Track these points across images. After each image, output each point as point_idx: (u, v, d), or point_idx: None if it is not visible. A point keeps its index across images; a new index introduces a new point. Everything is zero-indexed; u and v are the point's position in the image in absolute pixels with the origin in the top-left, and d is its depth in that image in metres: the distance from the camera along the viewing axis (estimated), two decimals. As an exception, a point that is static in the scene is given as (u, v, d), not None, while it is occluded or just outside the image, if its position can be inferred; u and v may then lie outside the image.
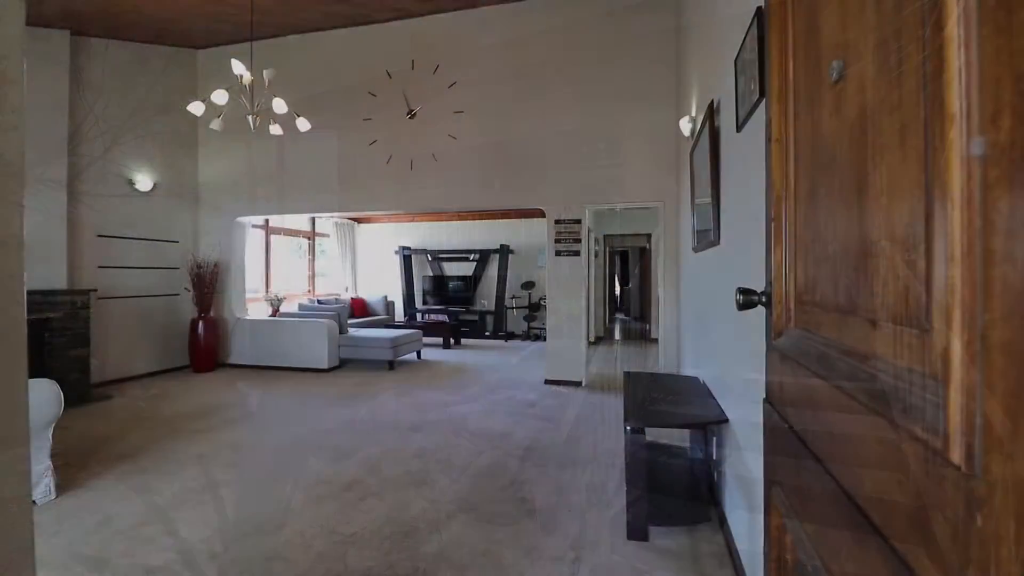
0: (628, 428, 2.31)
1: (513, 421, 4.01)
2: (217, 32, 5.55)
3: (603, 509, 2.54)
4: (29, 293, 4.51)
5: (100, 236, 5.36)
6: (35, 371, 4.54)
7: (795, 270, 0.83)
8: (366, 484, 2.84)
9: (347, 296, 9.44)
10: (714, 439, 2.62)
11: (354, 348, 6.28)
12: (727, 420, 2.29)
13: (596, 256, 8.81)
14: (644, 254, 12.18)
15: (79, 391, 4.79)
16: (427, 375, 5.89)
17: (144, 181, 5.81)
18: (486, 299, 9.30)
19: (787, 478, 0.80)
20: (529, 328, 8.87)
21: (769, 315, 0.91)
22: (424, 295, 9.54)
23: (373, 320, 8.66)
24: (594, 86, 5.21)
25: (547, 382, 5.30)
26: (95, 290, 5.11)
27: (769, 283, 0.91)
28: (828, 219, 0.68)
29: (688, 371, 3.96)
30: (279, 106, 3.48)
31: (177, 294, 6.24)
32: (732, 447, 2.20)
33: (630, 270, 13.21)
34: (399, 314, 9.81)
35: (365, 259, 10.26)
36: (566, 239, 5.24)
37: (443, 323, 8.19)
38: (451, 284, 9.34)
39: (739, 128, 2.06)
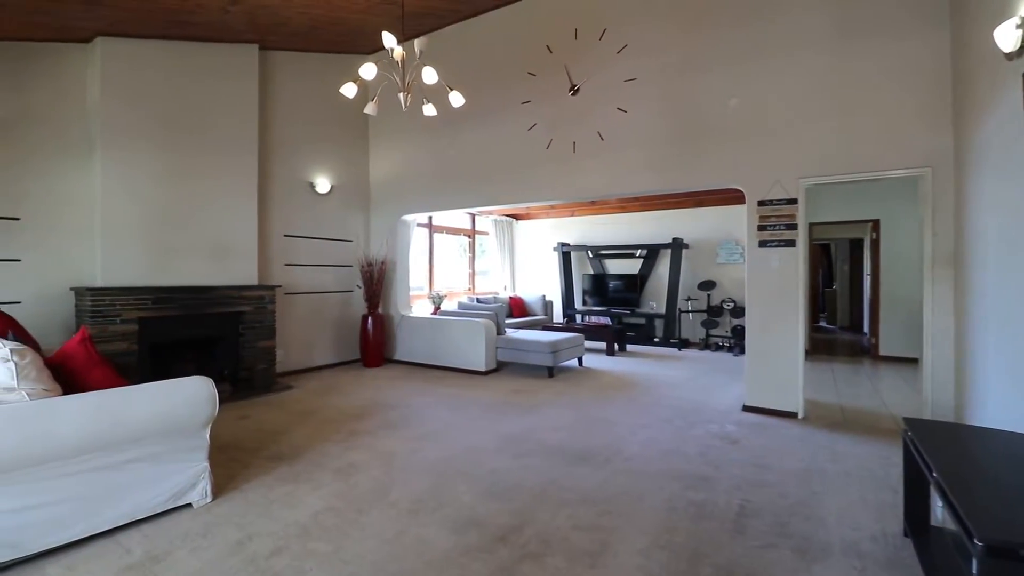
0: (980, 543, 1.26)
1: (710, 463, 3.05)
2: (380, 33, 5.54)
3: (908, 661, 1.51)
4: (225, 288, 4.91)
5: (286, 236, 5.72)
6: (231, 361, 4.91)
7: None
8: (524, 538, 2.20)
9: (505, 295, 9.20)
10: None
11: (512, 351, 5.83)
12: None
13: (797, 250, 7.14)
14: (857, 246, 9.85)
15: (265, 381, 5.09)
16: (591, 387, 5.15)
17: (323, 184, 6.10)
18: (655, 300, 8.22)
19: None
20: (708, 336, 7.55)
21: None
22: (584, 295, 8.84)
23: (531, 321, 8.23)
24: (810, 19, 3.92)
25: (747, 409, 4.15)
26: (280, 286, 5.44)
27: None
28: None
29: (993, 417, 2.55)
30: (429, 76, 3.07)
31: (350, 291, 6.48)
32: None
33: (837, 267, 10.80)
34: (557, 315, 9.27)
35: (523, 257, 9.94)
36: (774, 225, 4.04)
37: (606, 327, 7.37)
38: (614, 283, 8.47)
39: None
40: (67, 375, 2.28)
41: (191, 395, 2.44)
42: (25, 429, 1.89)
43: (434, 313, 7.03)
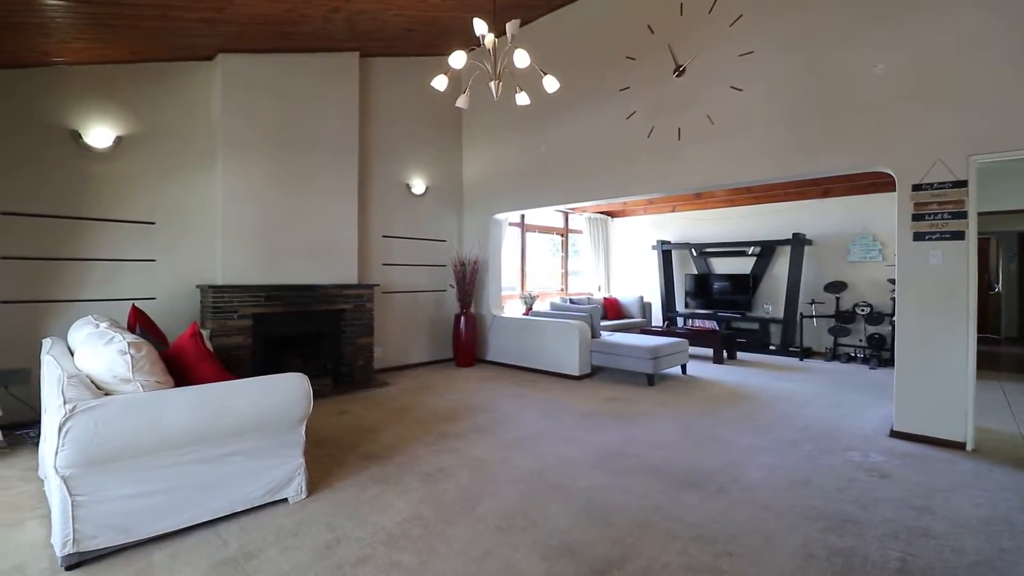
0: None
1: (855, 501, 2.52)
2: (471, 32, 5.49)
3: None
4: (328, 287, 5.10)
5: (384, 236, 5.88)
6: (332, 357, 5.10)
7: None
8: (626, 574, 1.91)
9: (599, 296, 8.82)
10: None
11: (608, 355, 5.49)
12: None
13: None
14: (1032, 242, 8.18)
15: (364, 376, 5.24)
16: (698, 398, 4.67)
17: (418, 185, 6.20)
18: (770, 303, 7.39)
19: None
20: (837, 345, 6.61)
21: None
22: (686, 297, 8.19)
23: (627, 323, 7.78)
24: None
25: (896, 435, 3.46)
26: (378, 285, 5.59)
27: None
28: None
29: None
30: (521, 59, 2.87)
31: (443, 290, 6.53)
32: None
33: (1002, 265, 9.03)
34: (656, 318, 8.71)
35: (618, 256, 9.48)
36: (936, 214, 3.32)
37: (713, 331, 6.73)
38: (721, 284, 7.73)
39: None
40: (180, 368, 2.39)
41: (287, 391, 2.45)
42: (138, 418, 1.98)
43: (526, 314, 6.87)
